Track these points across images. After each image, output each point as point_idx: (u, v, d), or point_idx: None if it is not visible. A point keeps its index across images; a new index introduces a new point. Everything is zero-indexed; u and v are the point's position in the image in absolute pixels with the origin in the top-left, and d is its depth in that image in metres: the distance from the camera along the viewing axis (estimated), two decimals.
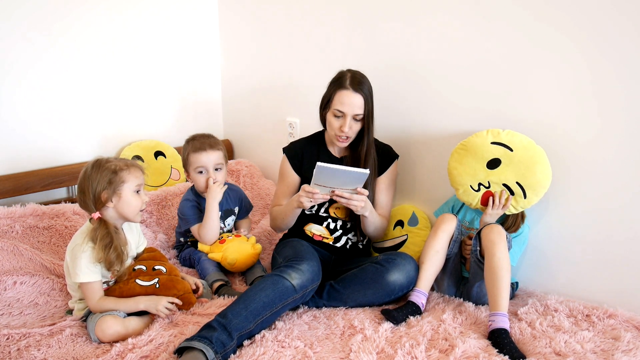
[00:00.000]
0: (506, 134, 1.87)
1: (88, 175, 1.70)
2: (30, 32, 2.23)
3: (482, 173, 1.87)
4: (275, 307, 1.66)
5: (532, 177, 1.81)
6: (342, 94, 1.93)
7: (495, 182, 1.86)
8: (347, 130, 1.94)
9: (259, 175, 2.84)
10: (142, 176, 1.78)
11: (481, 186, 1.88)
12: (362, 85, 1.93)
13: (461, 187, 1.92)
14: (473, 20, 1.99)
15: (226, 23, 2.91)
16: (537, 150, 1.83)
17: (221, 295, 1.90)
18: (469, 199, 1.92)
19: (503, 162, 1.84)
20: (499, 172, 1.85)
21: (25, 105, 2.27)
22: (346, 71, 1.99)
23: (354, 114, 1.93)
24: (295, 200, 1.92)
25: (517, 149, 1.83)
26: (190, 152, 2.13)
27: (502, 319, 1.65)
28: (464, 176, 1.90)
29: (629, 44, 1.69)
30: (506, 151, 1.84)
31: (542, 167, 1.82)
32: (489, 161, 1.86)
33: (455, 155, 1.94)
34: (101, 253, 1.65)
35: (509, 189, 1.85)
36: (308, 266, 1.76)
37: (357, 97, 1.92)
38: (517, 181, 1.83)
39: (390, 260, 1.89)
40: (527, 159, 1.82)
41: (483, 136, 1.89)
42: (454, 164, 1.93)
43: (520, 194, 1.84)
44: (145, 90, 2.68)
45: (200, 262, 2.09)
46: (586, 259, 1.89)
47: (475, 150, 1.88)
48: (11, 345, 1.57)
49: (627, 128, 1.74)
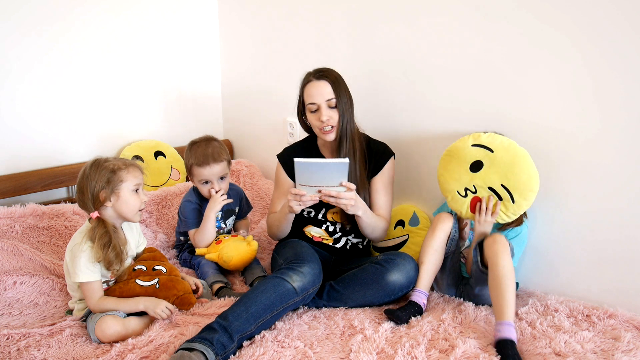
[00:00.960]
0: (487, 136, 1.85)
1: (87, 175, 1.70)
2: (30, 33, 2.23)
3: (466, 177, 1.85)
4: (276, 309, 1.66)
5: (516, 178, 1.78)
6: (309, 87, 1.94)
7: (481, 186, 1.83)
8: (325, 118, 1.91)
9: (259, 175, 2.84)
10: (141, 176, 1.78)
11: (468, 191, 1.86)
12: (325, 73, 1.94)
13: (449, 194, 1.90)
14: (472, 21, 1.99)
15: (226, 23, 2.91)
16: (518, 151, 1.80)
17: (221, 297, 1.89)
18: (458, 206, 1.89)
19: (485, 164, 1.82)
20: (483, 174, 1.83)
21: (25, 105, 2.27)
22: (309, 71, 1.99)
23: (326, 100, 1.91)
24: (285, 206, 1.90)
25: (497, 150, 1.81)
26: (194, 165, 2.09)
27: (508, 328, 1.61)
28: (450, 182, 1.88)
29: (628, 44, 1.69)
30: (487, 152, 1.82)
31: (525, 167, 1.78)
32: (471, 164, 1.84)
33: (441, 162, 1.93)
34: (99, 252, 1.65)
35: (496, 194, 1.82)
36: (309, 268, 1.76)
37: (322, 83, 1.92)
38: (501, 183, 1.80)
39: (390, 260, 1.88)
40: (509, 159, 1.79)
41: (464, 140, 1.88)
42: (441, 171, 1.92)
43: (507, 198, 1.81)
44: (145, 90, 2.68)
45: (200, 267, 2.08)
46: (586, 259, 1.89)
47: (458, 154, 1.87)
48: (11, 345, 1.57)
49: (627, 128, 1.74)
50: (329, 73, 1.94)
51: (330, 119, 1.92)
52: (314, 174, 1.73)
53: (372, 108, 2.29)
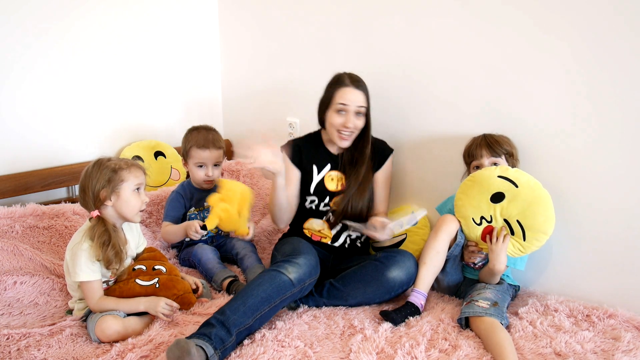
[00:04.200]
0: (514, 171, 1.83)
1: (89, 174, 1.71)
2: (31, 33, 2.23)
3: (485, 205, 1.83)
4: (274, 301, 1.66)
5: (534, 217, 1.77)
6: (344, 91, 2.00)
7: (497, 217, 1.82)
8: (351, 125, 1.99)
9: (259, 175, 2.84)
10: (143, 176, 1.78)
11: (483, 220, 1.85)
12: (361, 83, 2.03)
13: (464, 219, 1.88)
14: (473, 23, 1.99)
15: (226, 23, 2.91)
16: (542, 192, 1.78)
17: (232, 292, 1.92)
18: (470, 233, 1.88)
19: (507, 197, 1.80)
20: (502, 206, 1.81)
21: (25, 105, 2.27)
22: (343, 73, 2.06)
23: (357, 106, 1.99)
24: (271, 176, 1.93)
25: (522, 187, 1.79)
26: (194, 147, 2.17)
27: None
28: (469, 208, 1.87)
29: (627, 47, 1.69)
30: (511, 186, 1.80)
31: (544, 209, 1.77)
32: (493, 194, 1.82)
33: (462, 187, 1.91)
34: (98, 250, 1.66)
35: (509, 227, 1.81)
36: (305, 260, 1.76)
37: (358, 92, 2.00)
38: (518, 219, 1.79)
39: (389, 257, 1.89)
40: (531, 198, 1.77)
41: (491, 169, 1.86)
42: (460, 195, 1.90)
43: (520, 235, 1.79)
44: (145, 91, 2.68)
45: (201, 264, 2.09)
46: (586, 259, 1.89)
47: (482, 182, 1.84)
48: (11, 345, 1.57)
49: (627, 130, 1.74)
50: (363, 83, 2.04)
51: (354, 126, 2.00)
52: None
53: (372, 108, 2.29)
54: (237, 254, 2.19)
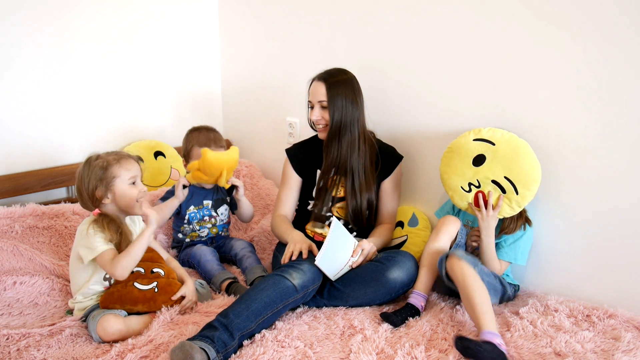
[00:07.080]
0: (487, 130, 1.89)
1: (81, 175, 1.71)
2: (28, 32, 2.23)
3: (469, 171, 1.87)
4: (277, 306, 1.66)
5: (519, 169, 1.81)
6: (311, 86, 2.05)
7: (484, 180, 1.85)
8: (314, 118, 2.02)
9: (259, 175, 2.84)
10: (136, 167, 1.76)
11: (472, 186, 1.87)
12: (325, 74, 2.02)
13: (452, 190, 1.91)
14: (472, 19, 1.99)
15: (226, 23, 2.90)
16: (519, 142, 1.84)
17: (231, 293, 1.92)
18: (462, 201, 1.90)
19: (487, 157, 1.85)
20: (486, 168, 1.85)
21: (24, 105, 2.27)
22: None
23: (318, 101, 2.00)
24: (290, 234, 1.98)
25: (499, 143, 1.84)
26: (195, 146, 2.19)
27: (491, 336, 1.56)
28: (454, 178, 1.90)
29: (631, 45, 1.69)
30: (489, 146, 1.85)
31: (527, 158, 1.81)
32: (473, 158, 1.87)
33: (443, 160, 1.95)
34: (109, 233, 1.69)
35: (499, 187, 1.83)
36: (309, 266, 1.76)
37: (319, 85, 2.00)
38: (505, 176, 1.82)
39: (390, 258, 1.89)
40: (510, 151, 1.82)
41: (465, 135, 1.92)
42: (444, 168, 1.94)
43: (511, 190, 1.82)
44: (145, 90, 2.68)
45: (200, 265, 2.09)
46: (586, 259, 1.89)
47: (460, 150, 1.90)
48: (11, 345, 1.57)
49: (629, 130, 1.73)
50: (330, 74, 2.01)
51: (321, 119, 2.01)
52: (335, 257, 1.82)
53: (372, 107, 2.29)
54: (236, 255, 2.19)
